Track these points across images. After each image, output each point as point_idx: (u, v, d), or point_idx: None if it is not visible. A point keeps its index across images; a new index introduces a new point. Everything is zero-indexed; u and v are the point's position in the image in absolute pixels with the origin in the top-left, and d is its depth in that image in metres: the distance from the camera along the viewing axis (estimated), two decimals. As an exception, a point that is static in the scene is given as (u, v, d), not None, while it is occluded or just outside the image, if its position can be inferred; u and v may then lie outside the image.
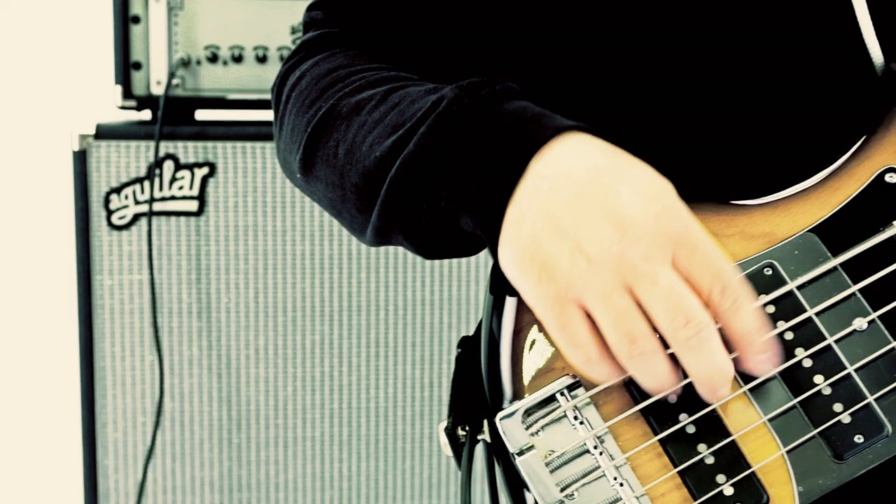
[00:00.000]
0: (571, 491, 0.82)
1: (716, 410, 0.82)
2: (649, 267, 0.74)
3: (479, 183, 0.79)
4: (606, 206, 0.75)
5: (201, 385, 2.07)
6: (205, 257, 2.01)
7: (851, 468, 0.80)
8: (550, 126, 0.80)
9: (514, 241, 0.78)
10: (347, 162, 0.89)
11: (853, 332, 0.82)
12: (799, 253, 0.84)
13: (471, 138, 0.80)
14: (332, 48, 1.01)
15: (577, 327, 0.76)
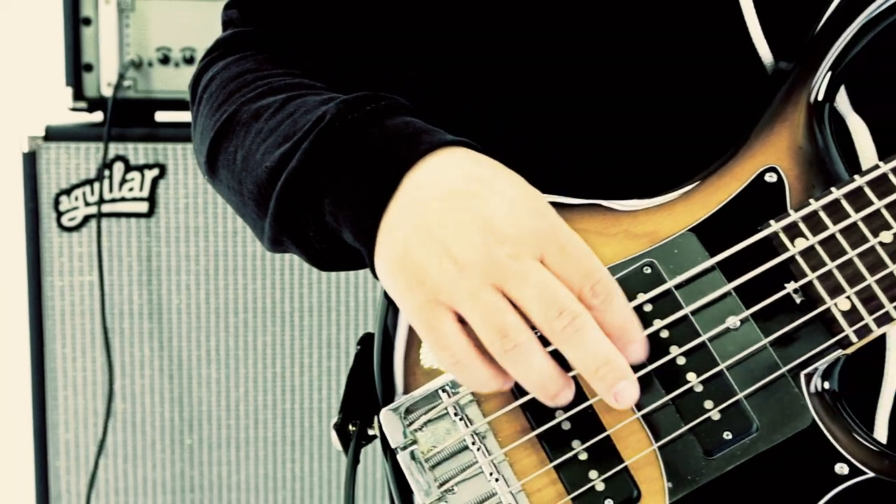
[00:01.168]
0: (450, 486, 0.83)
1: (592, 407, 0.83)
2: (518, 265, 0.75)
3: (356, 196, 0.81)
4: (475, 211, 0.76)
5: (153, 386, 2.07)
6: (155, 258, 2.02)
7: (720, 464, 0.80)
8: (428, 141, 0.81)
9: (387, 252, 0.79)
10: (244, 169, 0.90)
11: (727, 330, 0.83)
12: (678, 252, 0.85)
13: (350, 153, 0.82)
14: (246, 47, 1.02)
15: (444, 329, 0.77)
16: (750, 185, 0.86)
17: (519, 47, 0.94)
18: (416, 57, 1.00)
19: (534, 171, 0.84)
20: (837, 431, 0.80)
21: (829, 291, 0.82)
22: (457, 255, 0.76)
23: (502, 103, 0.96)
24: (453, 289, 0.76)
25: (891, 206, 0.82)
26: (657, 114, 0.92)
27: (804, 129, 0.86)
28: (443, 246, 0.76)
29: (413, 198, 0.79)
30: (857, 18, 0.86)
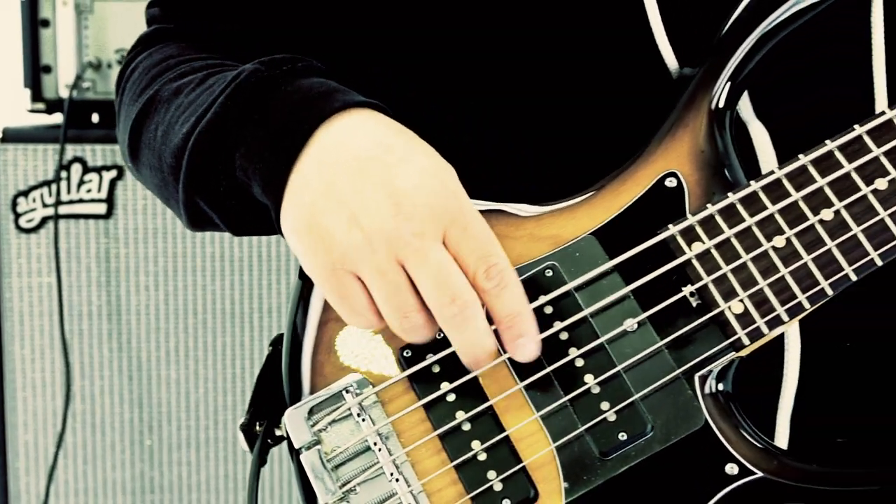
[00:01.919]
0: (352, 486, 0.84)
1: (492, 407, 0.84)
2: (420, 244, 0.76)
3: (266, 149, 0.82)
4: (385, 181, 0.78)
5: (112, 387, 2.08)
6: (114, 260, 2.02)
7: (615, 464, 0.82)
8: (340, 100, 0.82)
9: (294, 210, 0.80)
10: (163, 143, 0.91)
11: (624, 332, 0.84)
12: (579, 255, 0.86)
13: (262, 108, 0.83)
14: (168, 41, 1.03)
15: (354, 297, 0.79)
16: (650, 189, 0.87)
17: (458, 45, 0.95)
18: (374, 54, 1.00)
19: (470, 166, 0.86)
20: (729, 432, 0.82)
21: (724, 295, 0.83)
22: (364, 224, 0.77)
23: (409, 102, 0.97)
24: (360, 260, 0.77)
25: (784, 210, 0.83)
26: (567, 115, 0.93)
27: (705, 135, 0.87)
28: (351, 213, 0.77)
29: (323, 157, 0.80)
30: (756, 28, 0.87)
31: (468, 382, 0.84)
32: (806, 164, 0.84)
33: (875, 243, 0.82)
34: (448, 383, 0.85)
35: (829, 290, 0.82)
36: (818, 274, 0.82)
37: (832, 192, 0.83)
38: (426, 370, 0.85)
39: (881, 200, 0.82)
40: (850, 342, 0.90)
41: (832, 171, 0.84)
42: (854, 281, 0.82)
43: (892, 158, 0.83)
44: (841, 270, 0.82)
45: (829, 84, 0.92)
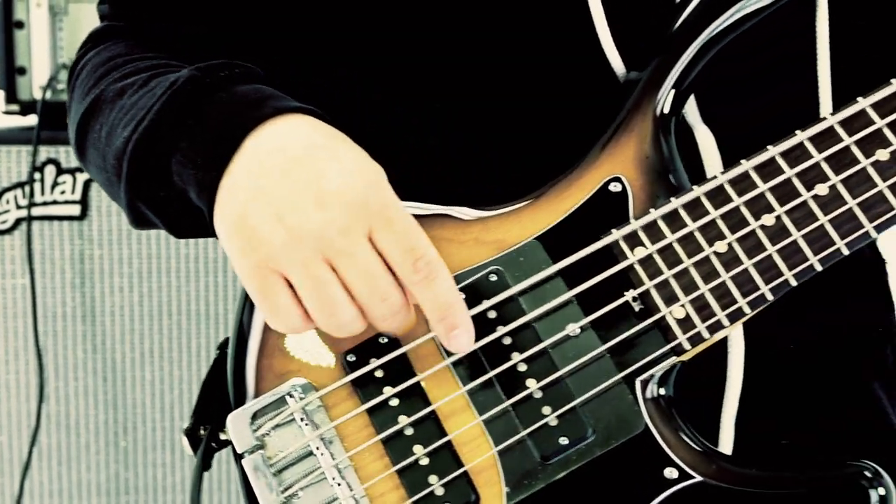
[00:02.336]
0: (294, 491, 0.84)
1: (435, 412, 0.84)
2: (346, 241, 0.77)
3: (199, 154, 0.83)
4: (311, 181, 0.78)
5: (86, 388, 2.08)
6: (88, 261, 2.02)
7: (556, 469, 0.82)
8: (272, 106, 0.83)
9: (225, 212, 0.81)
10: (107, 144, 0.92)
11: (567, 337, 0.84)
12: (524, 259, 0.86)
13: (198, 114, 0.84)
14: (117, 38, 1.04)
15: (277, 296, 0.79)
16: (595, 194, 0.87)
17: (407, 48, 0.95)
18: (330, 57, 1.00)
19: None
20: (670, 436, 0.82)
21: (665, 300, 0.83)
22: (289, 223, 0.78)
23: (355, 107, 0.97)
24: (284, 258, 0.78)
25: (726, 216, 0.84)
26: (516, 120, 0.93)
27: (650, 140, 0.87)
28: (277, 212, 0.78)
29: (254, 160, 0.81)
30: (701, 34, 0.88)
31: (411, 387, 0.85)
32: (748, 170, 0.84)
33: (815, 248, 0.82)
34: (391, 388, 0.85)
35: (770, 296, 0.82)
36: (758, 279, 0.82)
37: (773, 198, 0.83)
38: (369, 375, 0.85)
39: (821, 206, 0.83)
40: (794, 345, 0.91)
41: (774, 176, 0.84)
42: (794, 286, 0.82)
43: (833, 164, 0.83)
44: (781, 275, 0.82)
45: (775, 88, 0.93)
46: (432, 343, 0.85)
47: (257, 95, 0.85)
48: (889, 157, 0.83)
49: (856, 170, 0.83)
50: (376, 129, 0.94)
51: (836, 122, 0.84)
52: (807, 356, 0.92)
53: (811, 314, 0.91)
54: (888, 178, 0.82)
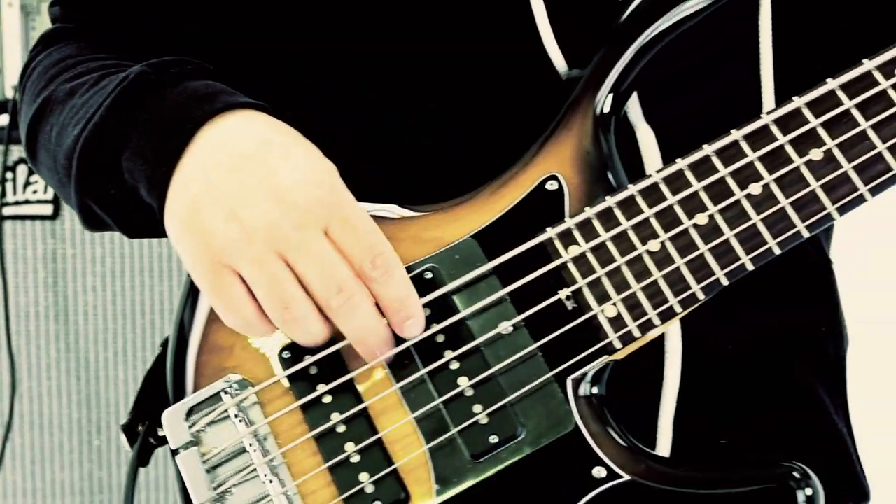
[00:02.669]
0: (227, 488, 0.84)
1: (367, 409, 0.84)
2: (302, 236, 0.77)
3: (150, 150, 0.82)
4: (265, 177, 0.78)
5: (60, 387, 2.08)
6: (61, 260, 2.02)
7: (486, 467, 0.82)
8: (223, 101, 0.83)
9: (176, 209, 0.81)
10: (57, 145, 0.91)
11: (499, 335, 0.84)
12: (459, 257, 0.86)
13: (148, 110, 0.84)
14: (69, 40, 1.03)
15: (231, 292, 0.79)
16: (532, 192, 0.87)
17: (351, 49, 0.95)
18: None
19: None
20: (600, 436, 0.82)
21: (598, 298, 0.83)
22: (243, 219, 0.77)
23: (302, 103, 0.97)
24: (238, 253, 0.78)
25: (659, 214, 0.83)
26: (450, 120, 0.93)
27: (588, 138, 0.87)
28: (230, 209, 0.78)
29: (205, 156, 0.80)
30: (641, 35, 0.87)
31: (344, 384, 0.85)
32: (683, 168, 0.84)
33: (747, 248, 0.82)
34: (324, 385, 0.85)
35: (701, 295, 0.82)
36: (690, 278, 0.82)
37: (707, 197, 0.83)
38: (304, 372, 0.85)
39: (754, 205, 0.82)
40: (733, 345, 0.91)
41: (708, 175, 0.84)
42: (726, 285, 0.82)
43: (767, 163, 0.83)
44: (713, 274, 0.82)
45: (719, 87, 0.93)
46: (367, 340, 0.85)
47: (208, 90, 0.84)
48: (822, 157, 0.82)
49: (789, 169, 0.83)
50: (344, 127, 0.94)
51: (771, 120, 0.84)
52: (746, 356, 0.91)
53: (751, 313, 0.91)
54: (821, 178, 0.82)
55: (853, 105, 0.83)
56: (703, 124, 0.86)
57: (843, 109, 0.83)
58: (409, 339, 0.83)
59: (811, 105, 0.83)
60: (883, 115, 0.82)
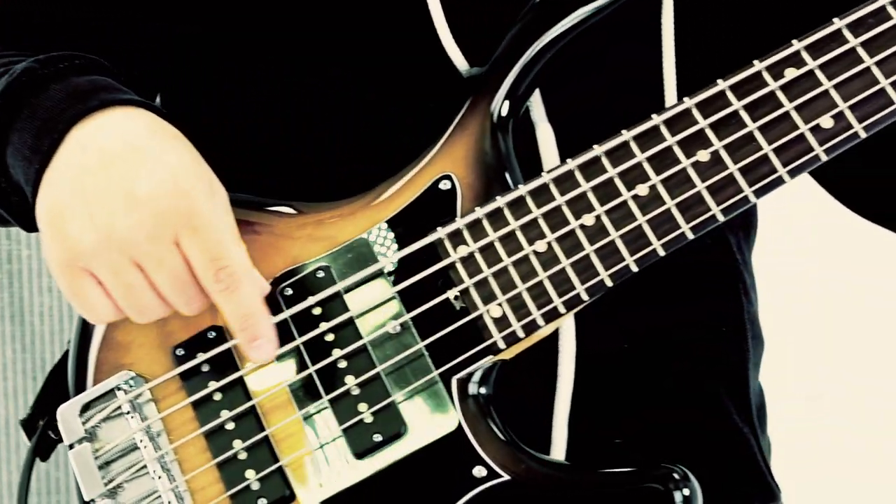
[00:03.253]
0: (118, 483, 0.84)
1: (256, 407, 0.84)
2: (153, 247, 0.78)
3: (27, 148, 0.83)
4: (124, 181, 0.78)
5: (16, 389, 2.08)
6: (16, 261, 2.02)
7: (369, 466, 0.82)
8: (100, 98, 0.83)
9: (42, 206, 0.81)
10: None
11: (387, 334, 0.84)
12: (352, 256, 0.86)
13: (31, 106, 0.83)
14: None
15: (86, 294, 0.80)
16: (425, 192, 0.87)
17: (205, 47, 0.96)
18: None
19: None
20: (483, 435, 0.82)
21: (484, 298, 0.83)
22: (99, 223, 0.78)
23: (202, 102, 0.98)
24: (94, 259, 0.78)
25: (547, 215, 0.84)
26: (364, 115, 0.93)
27: (485, 139, 0.87)
28: (88, 212, 0.78)
29: (72, 156, 0.81)
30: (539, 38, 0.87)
31: (234, 381, 0.85)
32: (573, 169, 0.84)
33: (631, 249, 0.82)
34: (215, 382, 0.85)
35: (585, 296, 0.82)
36: (575, 279, 0.82)
37: (595, 198, 0.83)
38: (196, 369, 0.86)
39: (641, 206, 0.83)
40: (628, 344, 0.91)
41: (597, 175, 0.84)
42: (610, 287, 0.82)
43: (655, 164, 0.83)
44: (597, 275, 0.82)
45: (621, 85, 0.92)
46: (259, 337, 0.85)
47: (89, 87, 0.84)
48: (709, 158, 0.83)
49: (676, 170, 0.83)
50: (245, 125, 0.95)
51: (661, 121, 0.84)
52: (642, 355, 0.91)
53: (646, 313, 0.91)
54: (707, 179, 0.82)
55: (741, 106, 0.83)
56: (605, 123, 0.86)
57: (731, 111, 0.83)
58: (258, 361, 0.83)
59: (700, 106, 0.84)
60: (770, 116, 0.82)
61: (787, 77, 0.83)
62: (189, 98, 0.99)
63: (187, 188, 0.79)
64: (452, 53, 0.90)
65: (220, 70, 0.95)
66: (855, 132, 0.81)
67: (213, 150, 0.85)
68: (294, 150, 0.94)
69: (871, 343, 2.19)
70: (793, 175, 0.82)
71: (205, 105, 0.96)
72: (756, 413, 0.99)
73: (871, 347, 2.19)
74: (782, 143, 0.82)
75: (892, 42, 0.82)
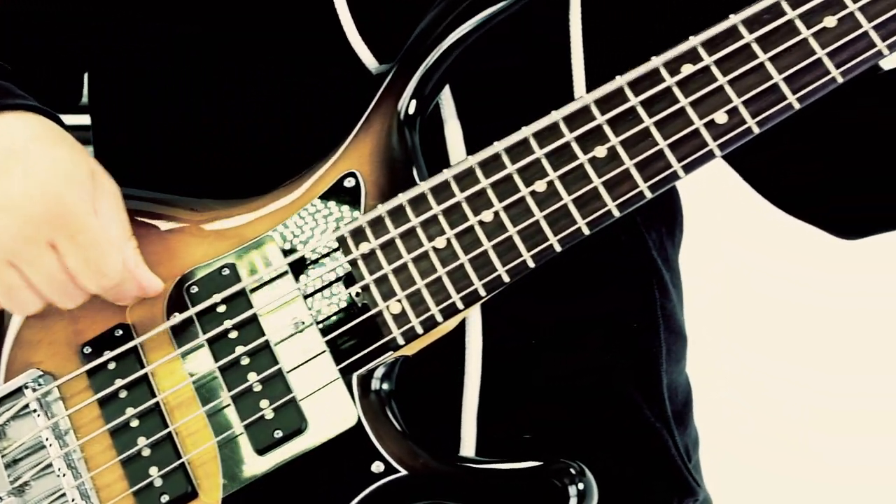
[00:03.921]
0: (26, 481, 0.85)
1: (161, 404, 0.85)
2: (29, 250, 0.80)
3: None
4: (2, 186, 0.80)
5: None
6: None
7: (271, 461, 0.82)
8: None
9: None
10: None
11: (290, 331, 0.85)
12: (257, 254, 0.87)
13: None
14: None
15: None
16: (330, 189, 0.88)
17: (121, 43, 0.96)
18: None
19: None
20: (383, 431, 0.82)
21: (383, 295, 0.84)
22: None
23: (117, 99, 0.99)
24: None
25: (447, 211, 0.84)
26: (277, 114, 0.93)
27: (390, 136, 0.88)
28: None
29: None
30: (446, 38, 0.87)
31: (140, 379, 0.86)
32: (473, 166, 0.85)
33: (528, 245, 0.83)
34: (121, 379, 0.86)
35: (483, 292, 0.83)
36: (473, 275, 0.83)
37: (494, 194, 0.84)
38: (103, 366, 0.86)
39: (539, 202, 0.83)
40: (535, 340, 0.91)
41: (496, 172, 0.84)
42: (508, 282, 0.83)
43: (553, 160, 0.83)
44: (494, 271, 0.83)
45: (529, 84, 0.93)
46: (165, 335, 0.86)
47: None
48: (606, 154, 0.83)
49: (573, 166, 0.83)
50: None
51: (561, 117, 0.84)
52: (550, 351, 0.92)
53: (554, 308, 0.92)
54: (603, 175, 0.83)
55: (638, 102, 0.83)
56: (514, 120, 0.87)
57: (628, 106, 0.83)
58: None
59: (599, 102, 0.84)
60: (666, 112, 0.83)
61: (684, 73, 0.83)
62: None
63: (61, 192, 0.81)
64: (360, 52, 0.90)
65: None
66: (749, 127, 0.81)
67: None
68: (206, 149, 0.95)
69: (807, 338, 2.20)
70: (687, 170, 0.82)
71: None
72: (673, 408, 0.99)
73: (807, 342, 2.20)
74: (677, 139, 0.82)
75: (785, 38, 0.82)
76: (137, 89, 0.95)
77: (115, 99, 0.98)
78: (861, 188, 0.94)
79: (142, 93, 0.95)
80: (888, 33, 0.81)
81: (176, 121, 0.94)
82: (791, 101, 0.81)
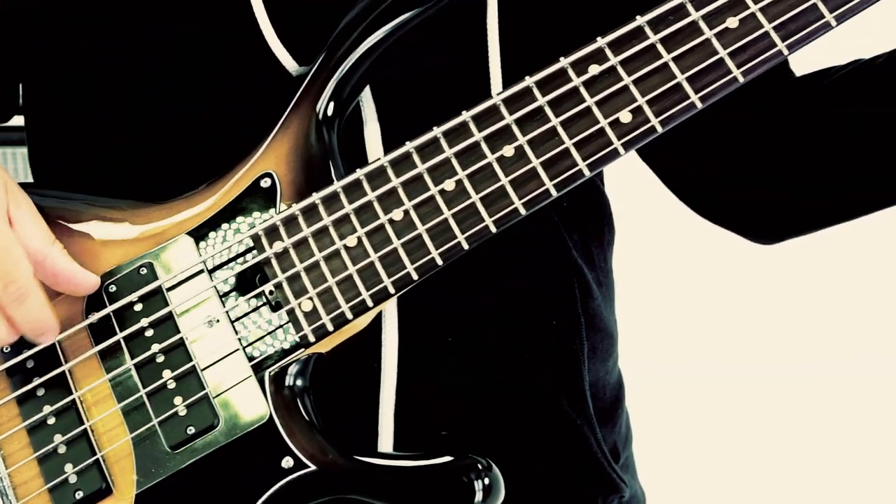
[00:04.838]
0: (-56, 480, 0.86)
1: (77, 401, 0.86)
2: None
3: None
4: None
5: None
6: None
7: (183, 457, 0.84)
8: None
9: None
10: None
11: (204, 329, 0.86)
12: (174, 254, 0.88)
13: None
14: None
15: None
16: (247, 189, 0.89)
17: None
18: None
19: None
20: (294, 427, 0.83)
21: (295, 293, 0.85)
22: None
23: None
24: None
25: (359, 210, 0.85)
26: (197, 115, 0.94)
27: (308, 137, 0.89)
28: None
29: None
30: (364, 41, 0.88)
31: (58, 377, 0.87)
32: (385, 165, 0.86)
33: (437, 243, 0.84)
34: (39, 377, 0.87)
35: (392, 289, 0.84)
36: (382, 273, 0.84)
37: (404, 193, 0.85)
38: (21, 365, 0.87)
39: (447, 201, 0.84)
40: (452, 337, 0.92)
41: (407, 171, 0.85)
42: (416, 280, 0.84)
43: (462, 159, 0.85)
44: (403, 269, 0.84)
45: (447, 85, 0.94)
46: (84, 333, 0.87)
47: None
48: (514, 153, 0.84)
49: (481, 165, 0.84)
50: None
51: (470, 117, 0.85)
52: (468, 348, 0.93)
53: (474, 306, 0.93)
54: (510, 174, 0.84)
55: (546, 102, 0.84)
56: (433, 120, 0.88)
57: (536, 106, 0.85)
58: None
59: (508, 102, 0.85)
60: (572, 111, 0.84)
61: (591, 73, 0.84)
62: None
63: None
64: (279, 53, 0.91)
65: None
66: (652, 126, 0.83)
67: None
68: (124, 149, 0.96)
69: (742, 331, 2.22)
70: (592, 169, 0.83)
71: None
72: (599, 405, 1.00)
73: (743, 336, 2.22)
74: (583, 138, 0.83)
75: (689, 38, 0.83)
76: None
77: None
78: (750, 185, 0.95)
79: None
80: (788, 34, 0.82)
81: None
82: (694, 101, 0.83)
